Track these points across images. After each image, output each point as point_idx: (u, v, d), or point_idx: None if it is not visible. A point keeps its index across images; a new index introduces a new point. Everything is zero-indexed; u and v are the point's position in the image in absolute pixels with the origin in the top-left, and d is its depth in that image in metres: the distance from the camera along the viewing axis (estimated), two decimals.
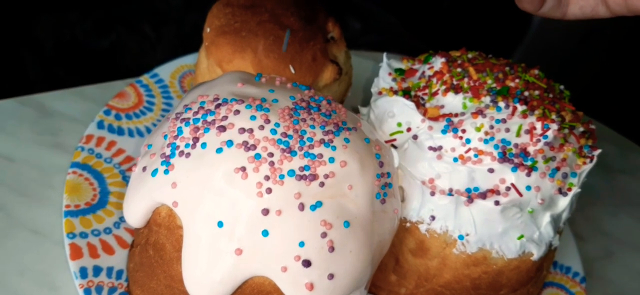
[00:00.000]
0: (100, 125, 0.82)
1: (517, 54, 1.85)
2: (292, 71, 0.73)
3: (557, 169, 0.64)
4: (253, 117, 0.54)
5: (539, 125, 0.64)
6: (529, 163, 0.62)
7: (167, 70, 0.92)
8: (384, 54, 0.77)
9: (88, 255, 0.67)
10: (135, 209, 0.56)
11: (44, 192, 0.76)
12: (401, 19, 1.86)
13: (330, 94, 0.79)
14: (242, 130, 0.53)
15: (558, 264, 0.84)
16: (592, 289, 0.87)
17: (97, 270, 0.66)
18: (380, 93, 0.72)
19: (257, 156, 0.52)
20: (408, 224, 0.66)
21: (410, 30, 1.83)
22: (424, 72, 0.73)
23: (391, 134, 0.68)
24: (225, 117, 0.54)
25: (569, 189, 0.65)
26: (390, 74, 0.75)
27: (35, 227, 0.72)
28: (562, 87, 0.75)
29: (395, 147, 0.68)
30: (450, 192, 0.63)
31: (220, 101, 0.56)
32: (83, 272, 0.65)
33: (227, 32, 0.73)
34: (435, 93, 0.69)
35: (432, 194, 0.64)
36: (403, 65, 0.77)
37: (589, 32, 1.92)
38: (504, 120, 0.64)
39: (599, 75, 1.84)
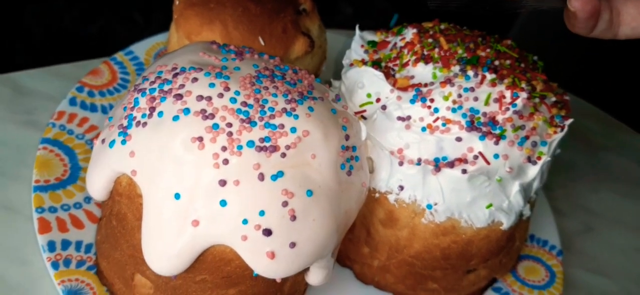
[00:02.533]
0: (72, 101, 0.81)
1: (511, 34, 1.84)
2: (262, 43, 0.72)
3: (527, 137, 0.63)
4: (212, 85, 0.54)
5: (508, 93, 0.63)
6: (497, 131, 0.62)
7: (142, 48, 0.92)
8: (356, 26, 0.76)
9: (57, 229, 0.67)
10: (96, 181, 0.56)
11: (17, 169, 0.76)
12: (394, 4, 1.85)
13: (303, 67, 0.78)
14: (200, 98, 0.53)
15: (535, 237, 0.84)
16: (570, 263, 0.87)
17: (65, 244, 0.66)
18: (351, 65, 0.72)
19: (215, 126, 0.52)
20: (377, 195, 0.66)
21: (403, 15, 1.82)
22: (395, 44, 0.72)
23: (361, 105, 0.67)
24: (182, 86, 0.54)
25: (539, 158, 0.64)
26: (362, 46, 0.74)
27: (7, 204, 0.72)
28: (535, 57, 0.74)
29: (365, 118, 0.67)
30: (419, 162, 0.63)
31: (178, 70, 0.56)
32: (51, 246, 0.65)
33: (195, 4, 0.73)
34: (406, 64, 0.68)
35: (401, 164, 0.64)
36: (376, 37, 0.76)
37: None
38: (472, 89, 0.63)
39: (592, 55, 1.83)
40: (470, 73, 0.64)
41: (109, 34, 1.51)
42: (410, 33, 0.71)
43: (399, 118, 0.64)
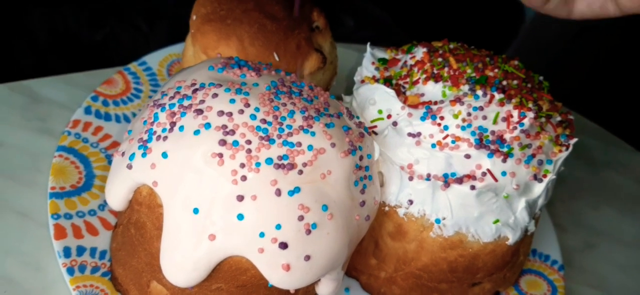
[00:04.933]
0: (87, 110, 0.83)
1: (510, 51, 1.87)
2: (277, 59, 0.74)
3: (533, 155, 0.65)
4: (232, 101, 0.55)
5: (515, 113, 0.65)
6: (505, 149, 0.64)
7: (155, 59, 0.94)
8: (368, 44, 0.78)
9: (72, 236, 0.68)
10: (116, 192, 0.58)
11: (31, 175, 0.77)
12: (394, 16, 1.88)
13: (314, 82, 0.80)
14: (221, 113, 0.54)
15: (537, 252, 0.86)
16: (571, 278, 0.88)
17: (80, 250, 0.67)
18: (363, 81, 0.74)
19: (235, 143, 0.53)
20: (387, 208, 0.68)
21: (403, 27, 1.85)
22: (406, 62, 0.74)
23: (372, 121, 0.69)
24: (202, 101, 0.55)
25: (544, 176, 0.66)
26: (373, 63, 0.76)
27: (22, 210, 0.73)
28: (541, 77, 0.76)
29: (376, 133, 0.69)
30: (428, 177, 0.65)
31: (197, 86, 0.57)
32: (67, 252, 0.66)
33: (212, 20, 0.75)
34: (416, 82, 0.70)
35: (410, 178, 0.65)
36: (387, 55, 0.78)
37: (581, 29, 1.94)
38: (481, 108, 0.65)
39: (591, 72, 1.86)
40: (479, 92, 0.66)
41: (113, 40, 1.52)
42: (420, 52, 0.73)
43: (410, 134, 0.66)
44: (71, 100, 0.88)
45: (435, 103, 0.67)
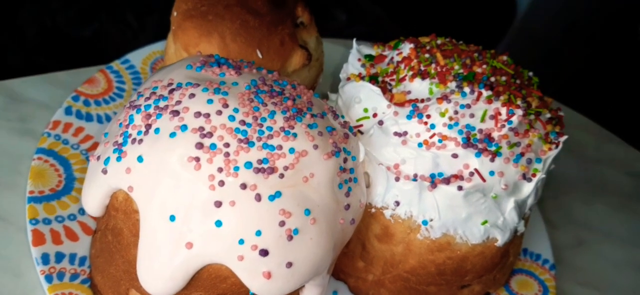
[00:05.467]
0: (67, 111, 0.81)
1: (502, 46, 1.86)
2: (260, 56, 0.72)
3: (522, 154, 0.64)
4: (210, 101, 0.54)
5: (503, 110, 0.64)
6: (493, 148, 0.62)
7: (138, 57, 0.91)
8: (354, 40, 0.76)
9: (51, 241, 0.66)
10: (92, 197, 0.56)
11: (11, 178, 0.75)
12: (387, 10, 1.86)
13: (300, 79, 0.79)
14: (198, 115, 0.53)
15: (528, 251, 0.85)
16: (562, 276, 0.87)
17: (59, 257, 0.66)
18: (348, 79, 0.72)
19: (212, 146, 0.51)
20: (373, 210, 0.66)
21: (396, 21, 1.83)
22: (392, 58, 0.72)
23: (358, 120, 0.68)
24: (179, 102, 0.54)
25: (534, 175, 0.65)
26: (359, 60, 0.75)
27: (1, 213, 0.71)
28: (530, 73, 0.75)
29: (361, 132, 0.67)
30: (415, 178, 0.63)
31: (174, 86, 0.55)
32: (45, 258, 0.65)
33: (193, 16, 0.73)
34: (403, 79, 0.69)
35: (397, 179, 0.64)
36: (373, 51, 0.76)
37: (573, 23, 1.93)
38: (468, 106, 0.64)
39: (583, 65, 1.85)
40: (467, 89, 0.65)
41: (103, 36, 1.50)
42: (407, 48, 0.72)
43: (396, 133, 0.64)
44: (53, 100, 0.86)
45: (422, 101, 0.66)
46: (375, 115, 0.67)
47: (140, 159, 0.52)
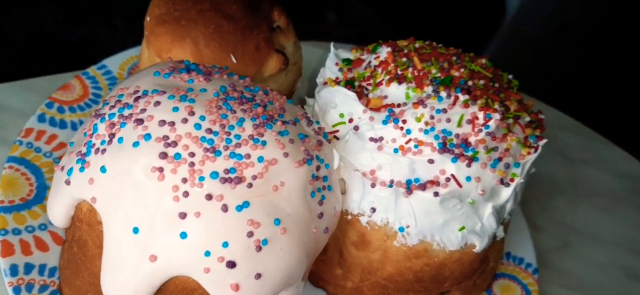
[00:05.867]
0: (41, 118, 0.79)
1: (493, 46, 1.85)
2: (234, 61, 0.71)
3: (500, 159, 0.63)
4: (176, 109, 0.52)
5: (481, 115, 0.63)
6: (469, 153, 0.61)
7: (115, 62, 0.90)
8: (332, 44, 0.75)
9: (20, 252, 0.65)
10: (57, 208, 0.55)
11: None
12: (379, 12, 1.85)
13: (277, 85, 0.77)
14: (163, 123, 0.51)
15: (511, 255, 0.84)
16: (547, 279, 0.86)
17: (28, 268, 0.64)
18: (325, 84, 0.71)
19: (177, 156, 0.50)
20: (349, 217, 0.65)
21: (387, 22, 1.82)
22: (370, 62, 0.71)
23: (333, 125, 0.66)
24: (143, 110, 0.52)
25: (512, 180, 0.64)
26: (337, 64, 0.73)
27: None
28: (510, 76, 0.74)
29: (337, 138, 0.66)
30: (391, 184, 0.62)
31: (140, 93, 0.54)
32: (13, 270, 0.63)
33: (166, 21, 0.71)
34: (380, 83, 0.68)
35: (373, 185, 0.63)
36: (351, 55, 0.75)
37: (565, 23, 1.93)
38: (445, 110, 0.62)
39: (575, 66, 1.84)
40: (443, 94, 0.64)
41: (91, 39, 1.49)
42: (384, 51, 0.70)
43: (372, 139, 0.63)
44: (28, 107, 0.85)
45: (399, 105, 0.64)
46: (351, 120, 0.65)
47: (103, 169, 0.50)
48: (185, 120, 0.52)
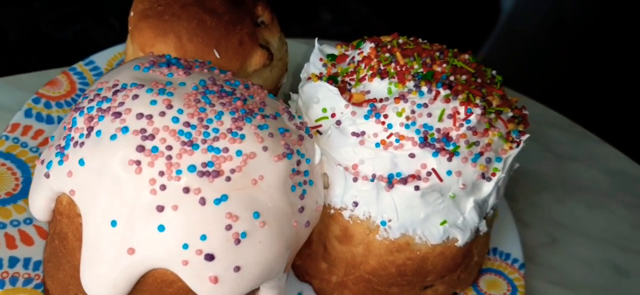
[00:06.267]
0: (28, 113, 0.80)
1: (487, 45, 1.85)
2: (217, 56, 0.71)
3: (481, 153, 0.63)
4: (154, 102, 0.52)
5: (462, 109, 0.63)
6: (450, 148, 0.62)
7: (103, 58, 0.90)
8: (316, 39, 0.75)
9: (4, 246, 0.65)
10: (38, 201, 0.55)
11: None
12: (373, 10, 1.85)
13: (261, 80, 0.77)
14: (140, 116, 0.51)
15: (498, 250, 0.84)
16: (534, 275, 0.87)
17: (13, 261, 0.65)
18: (309, 79, 0.71)
19: (154, 149, 0.50)
20: (332, 211, 0.65)
21: (382, 21, 1.82)
22: (353, 58, 0.71)
23: (316, 120, 0.67)
24: (121, 103, 0.52)
25: (494, 174, 0.64)
26: (321, 59, 0.74)
27: None
28: (494, 72, 0.74)
29: (320, 133, 0.66)
30: (373, 178, 0.62)
31: (119, 87, 0.54)
32: None
33: (149, 16, 0.71)
34: (362, 78, 0.68)
35: (355, 180, 0.63)
36: (336, 51, 0.75)
37: (559, 21, 1.93)
38: (426, 105, 0.63)
39: (571, 65, 1.84)
40: (425, 89, 0.64)
41: (84, 37, 1.49)
42: (368, 47, 0.71)
43: (354, 133, 0.63)
44: (15, 102, 0.85)
45: (381, 100, 0.65)
46: (333, 115, 0.66)
47: (81, 162, 0.51)
48: (162, 114, 0.52)
